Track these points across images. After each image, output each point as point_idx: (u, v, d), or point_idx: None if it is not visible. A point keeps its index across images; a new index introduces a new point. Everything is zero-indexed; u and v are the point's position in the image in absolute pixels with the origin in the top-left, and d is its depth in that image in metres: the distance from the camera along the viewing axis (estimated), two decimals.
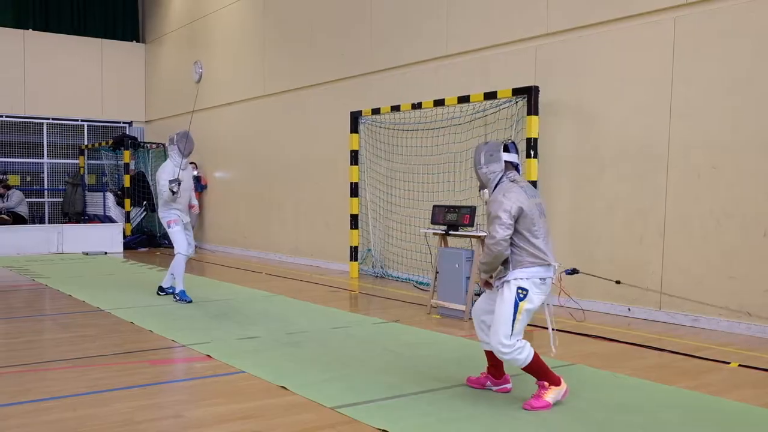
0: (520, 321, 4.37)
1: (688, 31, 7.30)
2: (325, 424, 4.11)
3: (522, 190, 4.48)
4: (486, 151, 4.65)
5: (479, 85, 9.22)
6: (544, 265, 4.43)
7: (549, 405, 4.40)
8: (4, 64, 17.66)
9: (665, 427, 4.13)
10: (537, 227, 4.45)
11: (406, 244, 10.41)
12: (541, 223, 4.49)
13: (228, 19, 15.61)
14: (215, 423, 4.17)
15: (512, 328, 4.36)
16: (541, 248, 4.43)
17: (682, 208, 7.33)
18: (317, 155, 12.48)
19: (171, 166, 8.33)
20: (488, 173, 4.61)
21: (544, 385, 4.44)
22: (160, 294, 8.73)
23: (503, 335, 4.36)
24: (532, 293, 4.39)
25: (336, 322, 7.32)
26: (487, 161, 4.62)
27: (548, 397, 4.41)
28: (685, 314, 7.26)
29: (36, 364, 5.53)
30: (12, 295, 9.21)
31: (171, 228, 8.38)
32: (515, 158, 4.67)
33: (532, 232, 4.43)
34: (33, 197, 18.09)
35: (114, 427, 4.03)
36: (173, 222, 8.36)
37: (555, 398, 4.42)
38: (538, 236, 4.44)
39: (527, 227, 4.42)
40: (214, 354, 5.79)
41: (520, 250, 4.42)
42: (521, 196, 4.43)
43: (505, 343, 4.35)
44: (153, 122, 19.34)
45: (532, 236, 4.42)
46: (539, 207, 4.54)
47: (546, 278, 4.45)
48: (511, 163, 4.63)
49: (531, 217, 4.43)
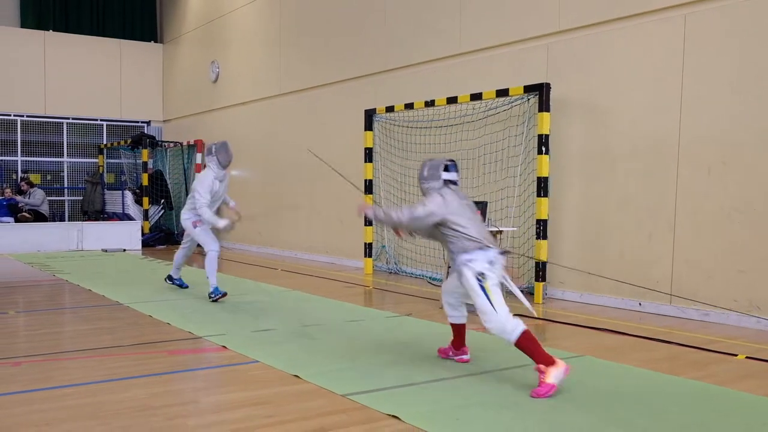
0: (493, 294, 4.84)
1: (699, 28, 7.35)
2: (337, 409, 4.22)
3: (454, 193, 5.16)
4: (429, 168, 5.28)
5: (491, 82, 9.31)
6: (483, 248, 4.95)
7: (554, 386, 4.55)
8: (25, 64, 17.96)
9: (669, 415, 4.21)
10: (468, 220, 5.04)
11: (419, 240, 10.51)
12: (471, 217, 5.10)
13: (244, 19, 15.79)
14: (230, 409, 4.30)
15: (491, 303, 4.82)
16: (474, 235, 4.97)
17: (692, 203, 7.39)
18: (332, 153, 12.59)
19: (211, 178, 8.13)
20: (429, 188, 5.24)
21: (541, 369, 4.62)
22: (167, 282, 9.11)
23: (485, 307, 4.83)
24: (487, 273, 4.88)
25: (350, 316, 7.44)
26: (429, 177, 5.25)
27: (550, 380, 4.56)
28: (696, 309, 7.31)
29: (57, 353, 5.69)
30: (34, 290, 9.42)
31: (196, 228, 8.29)
32: (454, 177, 5.25)
33: (464, 225, 5.00)
34: (53, 196, 18.38)
35: (132, 411, 4.17)
36: (198, 223, 8.26)
37: (557, 377, 4.57)
38: (470, 227, 5.00)
39: (459, 222, 5.00)
40: (229, 345, 5.93)
41: (459, 239, 5.01)
42: (452, 197, 5.11)
43: (487, 312, 4.83)
44: (171, 121, 19.57)
45: (465, 228, 4.99)
46: (470, 206, 5.23)
47: (492, 260, 4.94)
48: (450, 181, 5.22)
49: (461, 214, 5.04)
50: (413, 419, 4.02)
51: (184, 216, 8.47)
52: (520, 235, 8.92)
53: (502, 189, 9.17)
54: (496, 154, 9.27)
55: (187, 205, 8.48)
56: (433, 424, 3.96)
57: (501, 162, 9.22)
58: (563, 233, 8.62)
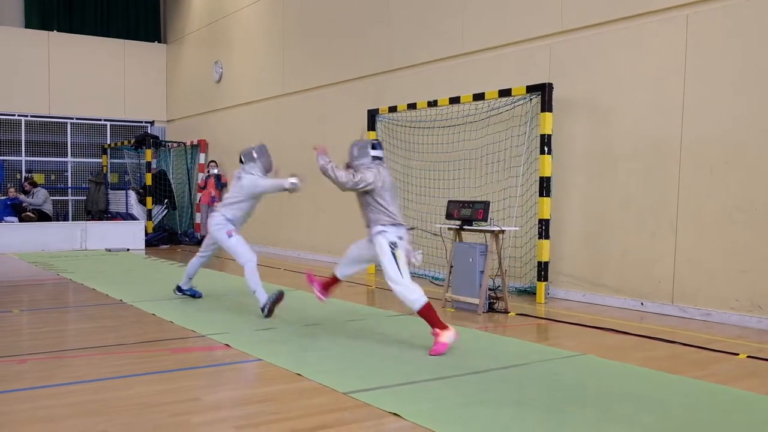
0: (400, 260, 5.78)
1: (701, 28, 7.37)
2: (339, 407, 4.25)
3: (386, 171, 6.06)
4: (358, 148, 6.13)
5: (494, 82, 9.33)
6: (396, 224, 5.89)
7: (447, 344, 5.58)
8: (29, 65, 18.03)
9: (671, 414, 4.23)
10: (391, 197, 5.98)
11: (422, 240, 10.52)
12: (393, 196, 6.03)
13: (248, 20, 15.83)
14: (233, 405, 4.33)
15: (398, 268, 5.75)
16: (392, 212, 5.92)
17: (694, 203, 7.40)
18: (335, 153, 12.57)
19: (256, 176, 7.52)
20: (360, 165, 6.05)
21: (436, 333, 5.60)
22: (176, 293, 8.21)
23: (394, 274, 5.75)
24: (398, 243, 5.84)
25: (352, 315, 7.47)
26: (359, 156, 6.09)
27: (443, 339, 5.57)
28: (698, 308, 7.32)
29: (61, 351, 5.73)
30: (38, 289, 9.46)
31: (231, 239, 7.42)
32: (380, 153, 6.12)
33: (387, 201, 5.92)
34: (57, 195, 18.44)
35: (136, 408, 4.20)
36: (233, 232, 7.45)
37: (449, 339, 5.58)
38: (391, 204, 5.95)
39: (384, 197, 5.91)
40: (232, 343, 5.96)
41: (379, 212, 5.90)
42: (385, 174, 6.03)
43: (396, 280, 5.73)
44: (174, 121, 19.62)
45: (387, 204, 5.91)
46: (395, 186, 6.16)
47: (402, 236, 5.89)
48: (377, 158, 6.07)
49: (388, 190, 5.95)
50: (414, 417, 4.04)
51: (216, 222, 7.48)
52: (523, 235, 8.94)
53: (505, 189, 9.19)
54: (498, 154, 9.29)
55: (220, 209, 7.54)
56: (434, 422, 3.98)
57: (503, 162, 9.24)
58: (566, 233, 8.63)
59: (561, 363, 5.46)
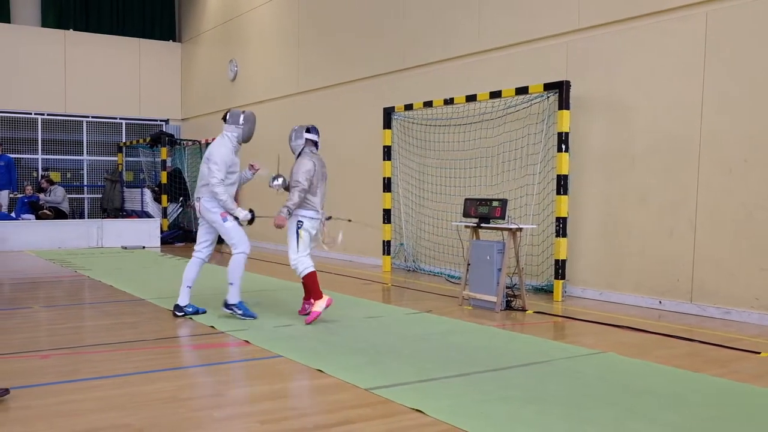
0: (301, 241, 6.83)
1: (721, 26, 7.32)
2: (361, 403, 4.26)
3: (316, 159, 6.95)
4: (296, 132, 7.13)
5: (511, 80, 9.32)
6: (314, 210, 6.89)
7: (319, 312, 6.65)
8: (46, 63, 18.15)
9: (693, 411, 4.22)
10: (317, 191, 6.89)
11: (437, 238, 10.55)
12: (320, 189, 6.92)
13: (263, 18, 15.87)
14: (256, 401, 4.35)
15: (297, 246, 6.83)
16: (314, 205, 6.88)
17: (713, 200, 7.37)
18: (350, 151, 12.65)
19: (229, 148, 6.96)
20: (295, 146, 7.11)
21: (311, 302, 6.80)
22: (177, 315, 7.05)
23: (292, 250, 6.86)
24: (306, 224, 6.84)
25: (369, 312, 7.48)
26: (295, 138, 7.11)
27: (316, 308, 6.65)
28: (717, 307, 7.29)
29: (83, 347, 5.77)
30: (56, 286, 9.53)
31: (226, 222, 6.83)
32: (314, 137, 7.08)
33: (313, 195, 6.88)
34: (73, 193, 18.56)
35: (159, 403, 4.23)
36: (226, 215, 6.86)
37: (321, 307, 6.63)
38: (317, 198, 6.90)
39: (312, 192, 6.85)
40: (251, 340, 5.98)
41: (304, 201, 6.83)
42: (318, 166, 6.92)
43: (292, 256, 6.84)
44: (189, 120, 19.70)
45: (312, 197, 6.87)
46: (323, 174, 6.98)
47: (314, 219, 6.89)
48: (311, 141, 7.05)
49: (317, 186, 6.88)
50: (437, 413, 4.05)
51: (207, 204, 6.85)
52: (540, 233, 8.92)
53: (521, 187, 9.18)
54: (515, 152, 9.28)
55: (204, 189, 6.88)
56: (456, 417, 3.98)
57: (520, 160, 9.23)
58: (582, 231, 8.61)
59: (581, 360, 5.45)
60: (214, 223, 6.90)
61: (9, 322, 6.86)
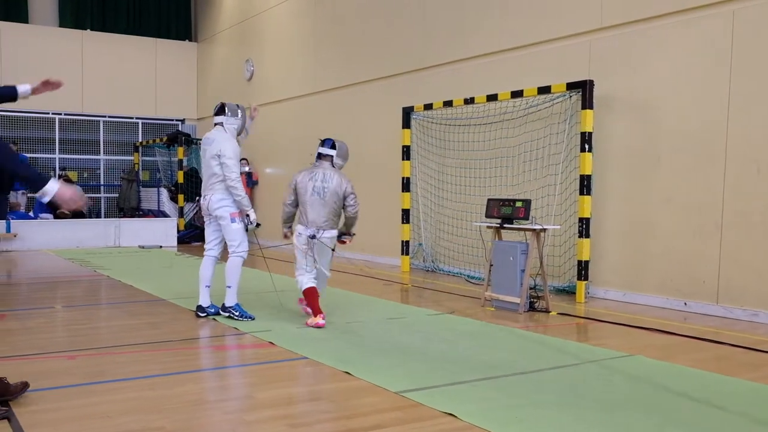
0: (296, 256, 6.79)
1: (747, 24, 7.23)
2: (393, 406, 4.21)
3: (306, 173, 6.74)
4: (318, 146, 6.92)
5: (532, 79, 9.24)
6: (303, 225, 6.69)
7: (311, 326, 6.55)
8: (63, 63, 18.18)
9: (732, 417, 4.14)
10: (310, 208, 6.63)
11: (457, 238, 10.49)
12: (309, 199, 6.63)
13: (279, 18, 15.85)
14: (285, 404, 4.32)
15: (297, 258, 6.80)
16: (304, 215, 6.69)
17: (740, 201, 7.28)
18: (368, 151, 12.61)
19: (234, 140, 6.89)
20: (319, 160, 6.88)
21: (307, 312, 6.82)
22: (200, 315, 7.02)
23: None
24: (294, 240, 6.76)
25: (391, 313, 7.44)
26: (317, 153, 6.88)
27: (309, 321, 6.58)
28: (744, 309, 7.20)
29: (107, 347, 5.75)
30: (76, 286, 9.54)
31: (234, 222, 6.78)
32: (323, 150, 6.82)
33: (302, 203, 6.71)
34: (90, 193, 18.60)
35: (190, 405, 4.20)
36: (238, 215, 6.81)
37: (312, 322, 6.54)
38: (305, 208, 6.67)
39: (300, 199, 6.73)
40: (276, 341, 5.95)
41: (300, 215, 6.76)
42: (301, 177, 6.74)
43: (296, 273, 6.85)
44: (205, 119, 19.70)
45: (303, 209, 6.71)
46: (315, 188, 6.63)
47: (300, 234, 6.69)
48: (320, 154, 6.83)
49: (301, 194, 6.69)
50: (470, 417, 4.00)
51: (218, 199, 6.75)
52: (563, 233, 8.85)
53: (543, 187, 9.11)
54: (537, 152, 9.21)
55: (217, 185, 6.76)
56: (490, 422, 3.93)
57: (542, 160, 9.16)
58: (606, 231, 8.53)
59: (610, 363, 5.38)
60: (221, 219, 6.81)
61: (31, 322, 6.86)
